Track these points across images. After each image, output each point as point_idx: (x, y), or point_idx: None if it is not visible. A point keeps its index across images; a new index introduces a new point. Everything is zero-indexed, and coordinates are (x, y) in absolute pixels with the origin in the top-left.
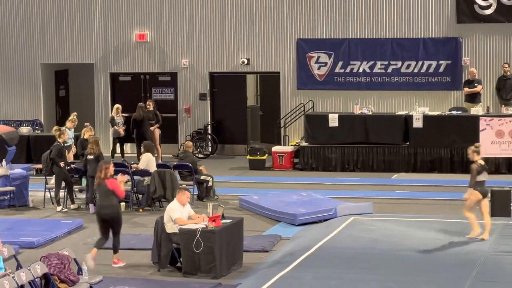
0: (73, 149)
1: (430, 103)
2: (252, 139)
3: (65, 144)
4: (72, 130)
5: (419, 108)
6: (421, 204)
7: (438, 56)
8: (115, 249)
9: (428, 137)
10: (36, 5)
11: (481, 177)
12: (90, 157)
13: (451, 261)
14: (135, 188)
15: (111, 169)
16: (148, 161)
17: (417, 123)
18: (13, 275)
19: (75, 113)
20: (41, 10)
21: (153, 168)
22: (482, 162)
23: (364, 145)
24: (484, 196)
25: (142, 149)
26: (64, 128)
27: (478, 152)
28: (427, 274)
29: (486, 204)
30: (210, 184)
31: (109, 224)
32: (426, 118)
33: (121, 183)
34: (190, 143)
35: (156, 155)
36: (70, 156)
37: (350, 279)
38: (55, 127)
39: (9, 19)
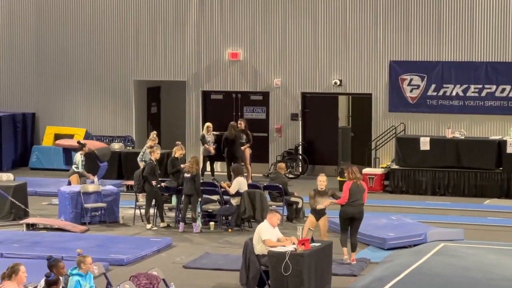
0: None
1: None
2: (342, 160)
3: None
4: None
5: None
6: None
7: None
8: (354, 247)
9: None
10: (131, 23)
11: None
12: (187, 175)
13: None
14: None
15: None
16: (239, 185)
17: (511, 149)
18: None
19: (155, 131)
20: (136, 27)
21: (244, 189)
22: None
23: (456, 169)
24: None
25: (232, 174)
26: (155, 146)
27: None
28: None
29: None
30: (300, 205)
31: (352, 222)
32: None
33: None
34: (283, 165)
35: (246, 174)
36: None
37: None
38: (147, 145)
39: (105, 36)
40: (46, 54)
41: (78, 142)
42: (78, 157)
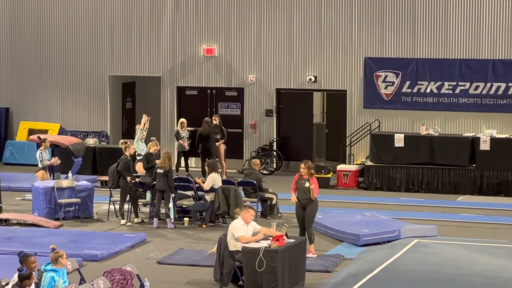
0: None
1: (498, 126)
2: (317, 157)
3: (139, 157)
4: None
5: (486, 130)
6: (487, 228)
7: (508, 78)
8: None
9: (495, 159)
10: (106, 18)
11: None
12: (159, 171)
13: None
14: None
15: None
16: (213, 181)
17: (484, 146)
18: None
19: (138, 125)
20: (111, 23)
21: (218, 185)
22: None
23: (430, 166)
24: None
25: (207, 169)
26: (131, 141)
27: None
28: None
29: None
30: (274, 201)
31: None
32: (493, 140)
33: None
34: (258, 161)
35: (220, 170)
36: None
37: None
38: (121, 140)
39: (80, 31)
40: (20, 48)
41: (38, 138)
42: (38, 154)
